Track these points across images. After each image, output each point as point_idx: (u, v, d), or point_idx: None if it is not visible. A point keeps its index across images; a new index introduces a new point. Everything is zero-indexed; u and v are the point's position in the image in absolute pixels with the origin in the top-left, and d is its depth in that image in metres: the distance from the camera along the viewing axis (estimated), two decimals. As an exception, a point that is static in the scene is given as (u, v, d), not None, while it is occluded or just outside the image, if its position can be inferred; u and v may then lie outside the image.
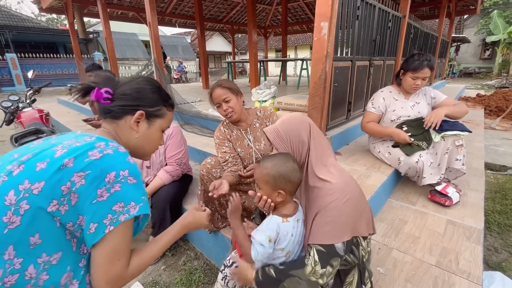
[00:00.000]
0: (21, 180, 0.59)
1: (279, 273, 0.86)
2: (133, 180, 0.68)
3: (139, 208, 0.67)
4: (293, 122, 1.01)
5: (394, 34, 3.45)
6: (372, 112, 2.18)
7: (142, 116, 0.80)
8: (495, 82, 12.40)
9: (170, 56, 17.03)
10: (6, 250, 0.56)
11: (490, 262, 1.70)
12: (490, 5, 16.17)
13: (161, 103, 0.85)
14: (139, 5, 7.25)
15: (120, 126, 0.80)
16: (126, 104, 0.79)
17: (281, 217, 0.93)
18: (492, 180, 2.83)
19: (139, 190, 0.69)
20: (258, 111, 1.60)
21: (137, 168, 0.72)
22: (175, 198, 1.80)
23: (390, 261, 1.41)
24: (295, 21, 10.19)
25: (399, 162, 2.04)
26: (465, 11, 8.05)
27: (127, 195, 0.66)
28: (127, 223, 0.66)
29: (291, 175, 0.91)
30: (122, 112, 0.79)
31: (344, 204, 0.88)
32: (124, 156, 0.70)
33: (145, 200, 0.70)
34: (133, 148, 0.83)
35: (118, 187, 0.65)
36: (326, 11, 1.95)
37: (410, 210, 1.88)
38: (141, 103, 0.80)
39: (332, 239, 0.86)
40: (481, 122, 4.29)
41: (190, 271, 1.63)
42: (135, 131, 0.81)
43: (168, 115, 0.88)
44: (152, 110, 0.82)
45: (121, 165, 0.67)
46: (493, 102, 5.94)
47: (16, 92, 10.68)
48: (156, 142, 0.88)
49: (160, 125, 0.86)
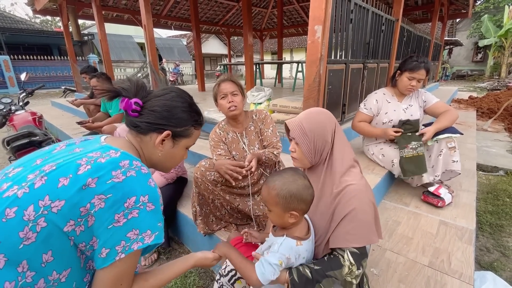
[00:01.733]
0: (42, 196, 0.57)
1: (316, 274, 0.84)
2: (152, 206, 0.66)
3: (154, 238, 0.65)
4: (319, 121, 0.95)
5: (387, 37, 3.50)
6: (364, 113, 2.20)
7: (168, 136, 0.78)
8: (487, 84, 12.62)
9: (166, 59, 17.00)
10: (20, 263, 0.55)
11: (482, 262, 1.72)
12: (481, 9, 16.51)
13: (191, 123, 0.82)
14: (135, 8, 7.24)
15: (144, 142, 0.78)
16: (154, 122, 0.76)
17: (295, 240, 0.87)
18: (484, 181, 2.87)
19: (156, 217, 0.67)
20: (254, 114, 1.60)
21: (157, 192, 0.69)
22: (169, 201, 1.79)
23: (384, 262, 1.42)
24: (291, 24, 10.26)
25: (393, 164, 2.07)
26: (457, 15, 8.19)
27: (144, 222, 0.64)
28: (139, 251, 0.64)
29: (303, 193, 0.84)
30: (148, 129, 0.76)
31: (370, 206, 0.89)
32: (146, 179, 0.67)
33: (161, 227, 0.68)
34: (155, 163, 0.83)
35: (136, 213, 0.63)
36: (320, 14, 1.97)
37: (404, 211, 1.90)
38: (169, 123, 0.77)
39: (364, 242, 0.86)
40: (473, 123, 4.35)
41: (185, 275, 1.62)
42: (159, 150, 0.79)
43: (195, 134, 0.85)
44: (179, 130, 0.79)
45: (142, 190, 0.65)
46: (485, 104, 6.04)
47: (9, 95, 10.55)
48: (179, 159, 0.86)
49: (185, 144, 0.84)
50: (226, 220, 1.62)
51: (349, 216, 0.87)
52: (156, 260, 1.77)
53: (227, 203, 1.56)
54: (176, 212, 1.86)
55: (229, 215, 1.61)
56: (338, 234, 0.88)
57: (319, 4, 1.96)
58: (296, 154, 0.98)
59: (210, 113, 3.92)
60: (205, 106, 4.61)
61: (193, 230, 1.66)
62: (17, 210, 0.55)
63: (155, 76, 4.13)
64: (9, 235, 0.54)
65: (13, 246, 0.54)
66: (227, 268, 1.09)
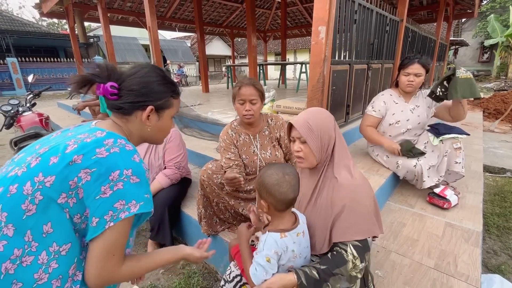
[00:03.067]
0: (37, 173, 0.65)
1: (323, 273, 0.84)
2: (136, 179, 0.70)
3: (140, 207, 0.70)
4: (322, 117, 0.98)
5: (392, 38, 3.48)
6: (373, 115, 2.17)
7: (152, 110, 0.81)
8: (494, 84, 12.45)
9: (170, 60, 17.12)
10: (26, 233, 0.63)
11: (489, 265, 1.70)
12: (487, 9, 16.31)
13: (169, 94, 0.85)
14: (139, 10, 7.31)
15: (131, 121, 0.82)
16: (134, 100, 0.79)
17: (278, 233, 0.89)
18: (491, 182, 2.83)
19: (141, 189, 0.71)
20: (270, 119, 1.57)
21: (141, 166, 0.73)
22: (173, 201, 1.80)
23: (389, 264, 1.41)
24: (294, 25, 10.25)
25: (397, 165, 2.05)
26: (463, 15, 8.10)
27: (129, 193, 0.68)
28: (127, 221, 0.69)
29: (272, 188, 0.87)
30: (132, 108, 0.80)
31: (369, 199, 0.91)
32: (130, 155, 0.72)
33: (147, 198, 0.72)
34: (146, 138, 0.87)
35: (121, 185, 0.68)
36: (324, 15, 1.97)
37: (409, 213, 1.88)
38: (150, 98, 0.81)
39: (366, 234, 0.88)
40: (479, 124, 4.30)
41: (189, 275, 1.62)
42: (147, 125, 0.83)
43: (175, 103, 0.89)
44: (160, 103, 0.83)
45: (125, 164, 0.70)
46: (492, 104, 5.95)
47: (16, 96, 10.72)
48: (168, 129, 0.90)
49: (169, 114, 0.88)
50: (230, 222, 1.62)
51: (349, 209, 0.89)
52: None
53: (231, 207, 1.56)
54: (180, 213, 1.87)
55: (233, 217, 1.61)
56: (339, 228, 0.89)
57: (323, 5, 1.96)
58: (303, 153, 0.98)
59: (214, 114, 3.93)
60: (209, 107, 4.63)
61: (197, 230, 1.67)
62: (18, 186, 0.64)
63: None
64: (14, 207, 0.63)
65: (18, 217, 0.63)
66: (232, 274, 1.07)
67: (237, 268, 1.07)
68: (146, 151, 1.83)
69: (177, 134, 1.90)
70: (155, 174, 1.84)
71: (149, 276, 1.66)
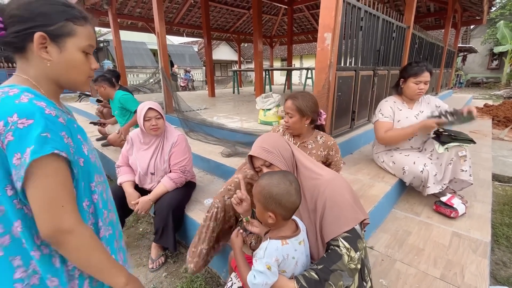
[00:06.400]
0: None
1: (322, 273, 0.83)
2: (25, 122, 0.59)
3: (32, 152, 0.58)
4: (272, 137, 1.06)
5: (398, 45, 3.47)
6: (385, 121, 2.12)
7: (45, 40, 0.66)
8: (504, 92, 12.25)
9: (178, 65, 17.35)
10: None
11: (499, 277, 1.65)
12: (496, 16, 16.14)
13: (62, 17, 0.67)
14: (148, 16, 7.47)
15: (30, 61, 0.68)
16: (18, 29, 0.64)
17: (279, 240, 0.87)
18: (500, 192, 2.77)
19: (37, 129, 0.59)
20: (319, 136, 1.61)
21: (31, 106, 0.60)
22: (178, 205, 1.81)
23: (393, 273, 1.39)
24: (301, 31, 10.32)
25: (404, 171, 2.03)
26: (471, 22, 8.04)
27: (22, 142, 0.59)
28: (49, 166, 0.61)
29: (282, 199, 0.84)
30: (20, 40, 0.65)
31: (345, 189, 0.95)
32: (12, 99, 0.60)
33: (45, 137, 0.60)
34: (57, 79, 0.71)
35: (11, 136, 0.58)
36: (330, 22, 1.98)
37: (415, 221, 1.85)
38: (35, 23, 0.64)
39: (352, 222, 0.90)
40: (488, 132, 4.23)
41: (192, 279, 1.62)
42: (46, 60, 0.67)
43: (80, 30, 0.70)
44: (53, 28, 0.66)
45: (8, 111, 0.59)
46: (501, 112, 5.85)
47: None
48: (82, 67, 0.73)
49: (75, 45, 0.70)
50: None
51: (329, 205, 0.92)
52: (163, 263, 1.78)
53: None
54: (184, 217, 1.87)
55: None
56: (326, 226, 0.92)
57: (329, 12, 1.97)
58: None
59: (219, 119, 3.97)
60: (215, 111, 4.67)
61: (201, 234, 1.67)
62: None
63: (166, 82, 4.23)
64: None
65: None
66: (234, 286, 1.06)
67: (238, 280, 1.06)
68: (152, 154, 1.85)
69: (183, 138, 1.92)
70: (160, 177, 1.85)
71: (152, 279, 1.67)
